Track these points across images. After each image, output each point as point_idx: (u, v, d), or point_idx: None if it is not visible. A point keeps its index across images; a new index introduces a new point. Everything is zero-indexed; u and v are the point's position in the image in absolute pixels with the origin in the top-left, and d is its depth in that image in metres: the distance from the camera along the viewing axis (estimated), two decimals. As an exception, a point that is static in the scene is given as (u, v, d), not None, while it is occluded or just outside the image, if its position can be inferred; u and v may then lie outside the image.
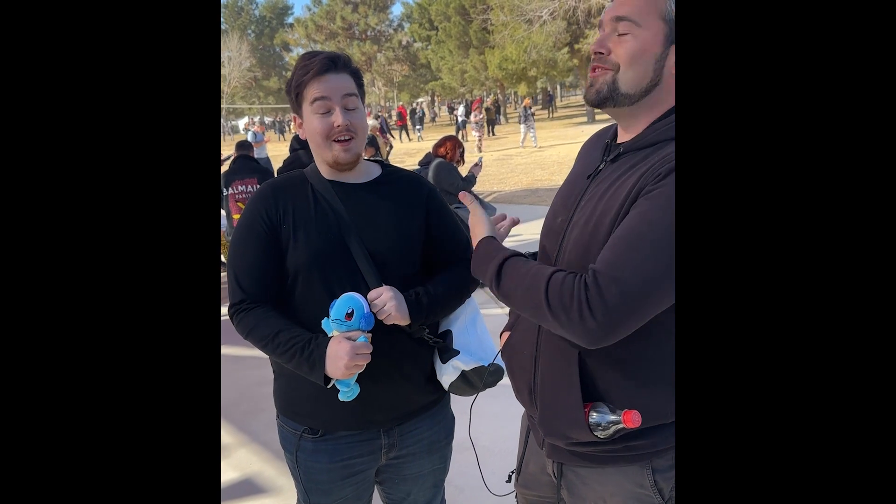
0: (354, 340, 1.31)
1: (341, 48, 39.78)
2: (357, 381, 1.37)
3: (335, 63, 1.39)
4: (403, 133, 26.05)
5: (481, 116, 18.51)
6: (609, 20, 1.10)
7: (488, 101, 30.83)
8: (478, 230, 1.27)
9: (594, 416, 1.10)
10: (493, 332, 1.55)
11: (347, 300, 1.33)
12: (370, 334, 1.34)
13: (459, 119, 24.46)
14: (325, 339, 1.34)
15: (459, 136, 22.70)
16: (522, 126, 17.39)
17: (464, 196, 1.34)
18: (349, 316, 1.32)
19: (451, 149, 5.73)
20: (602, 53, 1.10)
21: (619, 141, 1.18)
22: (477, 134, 18.02)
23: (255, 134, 14.75)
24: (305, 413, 1.46)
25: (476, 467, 1.68)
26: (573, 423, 1.12)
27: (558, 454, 1.23)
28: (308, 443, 1.46)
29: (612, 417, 1.09)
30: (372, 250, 1.41)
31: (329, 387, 1.36)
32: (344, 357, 1.29)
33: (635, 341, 1.05)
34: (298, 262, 1.39)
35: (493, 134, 23.88)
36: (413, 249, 1.47)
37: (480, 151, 17.18)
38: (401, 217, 1.46)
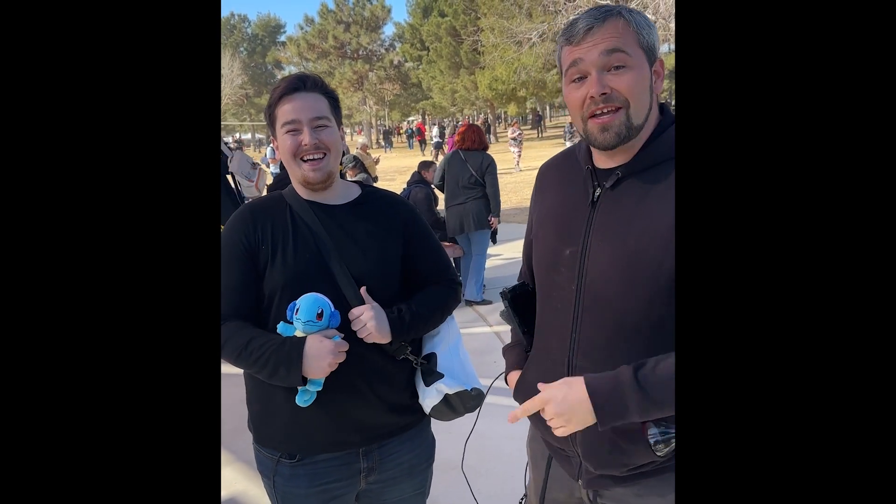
0: (330, 339, 1.31)
1: (333, 67, 40.00)
2: (329, 397, 1.36)
3: (304, 83, 1.40)
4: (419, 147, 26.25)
5: (519, 133, 18.28)
6: (597, 56, 1.06)
7: (479, 121, 31.01)
8: (574, 392, 1.07)
9: (653, 435, 1.06)
10: (478, 350, 1.56)
11: (315, 300, 1.31)
12: (342, 333, 1.34)
13: (434, 140, 24.38)
14: (301, 339, 1.31)
15: (436, 157, 22.85)
16: (568, 143, 17.35)
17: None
18: (320, 316, 1.30)
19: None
20: (606, 94, 1.06)
21: (600, 166, 1.18)
22: (516, 150, 17.87)
23: (272, 150, 14.80)
24: (280, 439, 1.43)
25: (460, 487, 1.68)
26: (633, 449, 1.09)
27: (599, 483, 1.19)
28: (285, 468, 1.43)
29: (672, 431, 1.05)
30: (352, 270, 1.40)
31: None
32: (328, 356, 1.28)
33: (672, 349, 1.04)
34: (276, 282, 1.37)
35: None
36: (393, 270, 1.46)
37: (519, 168, 17.18)
38: (381, 238, 1.45)
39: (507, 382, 1.39)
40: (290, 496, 1.44)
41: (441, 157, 21.82)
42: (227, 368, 1.42)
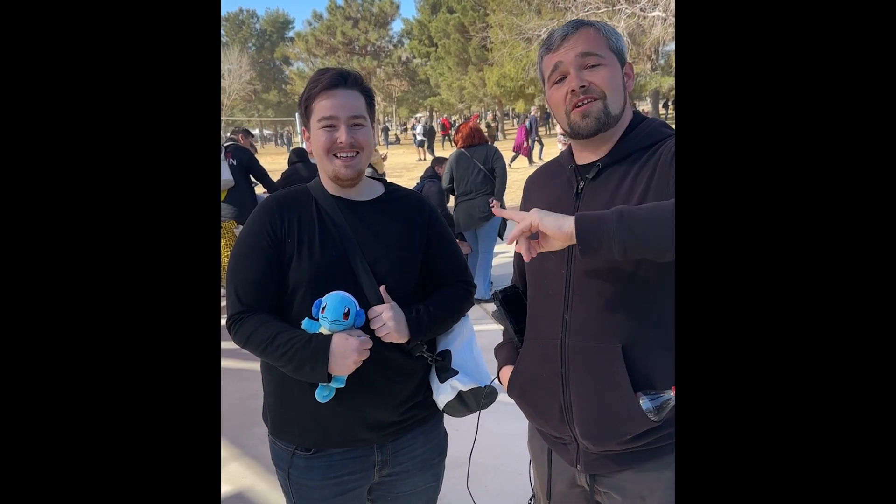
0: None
1: (341, 63, 40.02)
2: (346, 394, 1.37)
3: (345, 79, 1.40)
4: (447, 142, 25.98)
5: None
6: (574, 57, 1.21)
7: (488, 118, 30.94)
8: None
9: (644, 403, 1.15)
10: (486, 347, 1.56)
11: (342, 299, 1.33)
12: (366, 334, 1.36)
13: (417, 138, 24.09)
14: (326, 336, 1.34)
15: (420, 155, 22.77)
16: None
17: None
18: (346, 315, 1.32)
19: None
20: (585, 86, 1.21)
21: (581, 163, 1.30)
22: (562, 146, 17.83)
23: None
24: (296, 433, 1.44)
25: (469, 483, 1.67)
26: (629, 418, 1.16)
27: (598, 465, 1.26)
28: (300, 459, 1.44)
29: (664, 396, 1.14)
30: (374, 268, 1.41)
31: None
32: (353, 354, 1.30)
33: (667, 319, 1.15)
34: (301, 277, 1.39)
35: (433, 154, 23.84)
36: (412, 269, 1.48)
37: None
38: (403, 237, 1.47)
39: (499, 380, 1.46)
40: (304, 488, 1.46)
41: (420, 156, 21.70)
42: (234, 363, 1.43)
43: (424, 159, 21.91)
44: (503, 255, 7.06)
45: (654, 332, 1.17)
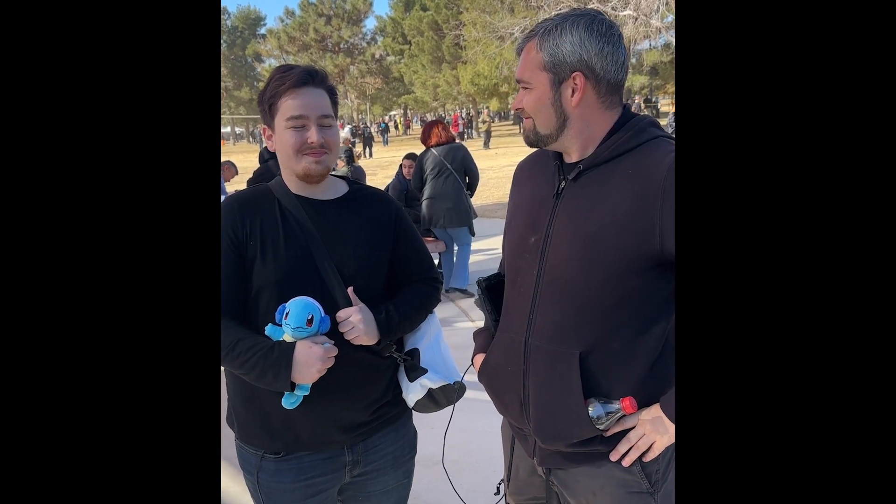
0: (319, 345, 1.30)
1: (314, 60, 39.72)
2: (315, 397, 1.35)
3: (312, 77, 1.37)
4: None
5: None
6: (516, 79, 1.29)
7: (485, 114, 30.95)
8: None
9: (593, 410, 1.18)
10: (460, 345, 1.56)
11: (305, 306, 1.30)
12: (331, 340, 1.33)
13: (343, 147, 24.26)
14: (290, 344, 1.31)
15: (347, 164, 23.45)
16: None
17: None
18: (310, 322, 1.29)
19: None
20: (521, 108, 1.28)
21: (566, 160, 1.29)
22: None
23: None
24: (265, 438, 1.41)
25: (443, 482, 1.68)
26: (575, 423, 1.19)
27: (552, 460, 1.28)
28: (270, 463, 1.41)
29: (613, 407, 1.17)
30: (340, 269, 1.39)
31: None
32: (317, 363, 1.28)
33: (629, 334, 1.17)
34: (265, 279, 1.35)
35: (371, 156, 24.18)
36: (380, 268, 1.46)
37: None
38: (369, 235, 1.45)
39: (472, 364, 1.48)
40: (274, 491, 1.43)
41: (348, 167, 22.52)
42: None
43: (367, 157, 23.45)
44: (477, 252, 7.08)
45: (616, 345, 1.18)
